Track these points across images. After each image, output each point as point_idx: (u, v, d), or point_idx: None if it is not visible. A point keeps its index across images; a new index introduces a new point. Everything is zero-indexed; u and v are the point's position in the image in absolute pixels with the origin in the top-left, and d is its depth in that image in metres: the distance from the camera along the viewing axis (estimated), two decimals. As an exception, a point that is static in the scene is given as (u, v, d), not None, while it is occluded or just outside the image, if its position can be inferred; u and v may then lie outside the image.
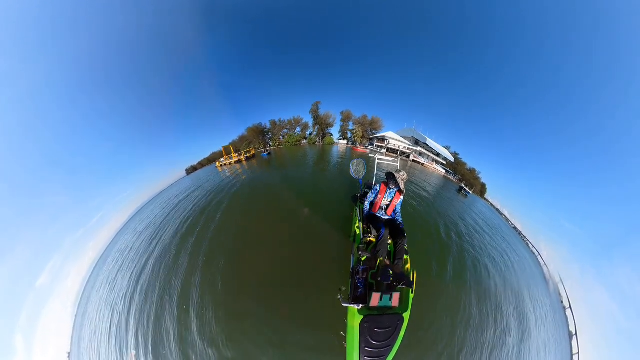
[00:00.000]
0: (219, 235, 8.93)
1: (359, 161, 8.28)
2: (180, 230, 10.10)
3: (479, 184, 26.44)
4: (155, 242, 10.18)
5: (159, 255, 8.92)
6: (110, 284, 9.33)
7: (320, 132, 32.32)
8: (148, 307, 6.75)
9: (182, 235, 9.57)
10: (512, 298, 8.32)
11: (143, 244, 10.88)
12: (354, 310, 3.23)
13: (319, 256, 6.86)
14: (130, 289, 7.97)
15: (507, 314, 7.38)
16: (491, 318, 6.80)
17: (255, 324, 5.31)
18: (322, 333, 4.89)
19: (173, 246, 8.98)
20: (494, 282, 8.48)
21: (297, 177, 15.67)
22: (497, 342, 6.25)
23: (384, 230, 3.99)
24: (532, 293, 10.03)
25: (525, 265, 12.51)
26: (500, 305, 7.51)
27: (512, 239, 15.87)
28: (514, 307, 7.95)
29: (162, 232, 10.85)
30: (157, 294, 6.98)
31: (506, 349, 6.34)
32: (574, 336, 10.28)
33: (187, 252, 8.24)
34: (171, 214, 12.83)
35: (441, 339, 5.47)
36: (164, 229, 11.15)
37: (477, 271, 8.56)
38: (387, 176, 4.56)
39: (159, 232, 11.12)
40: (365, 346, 2.75)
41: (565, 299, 11.91)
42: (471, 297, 7.15)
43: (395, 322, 2.90)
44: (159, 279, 7.57)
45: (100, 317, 7.87)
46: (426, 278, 6.74)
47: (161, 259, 8.55)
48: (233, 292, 6.25)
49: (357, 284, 3.54)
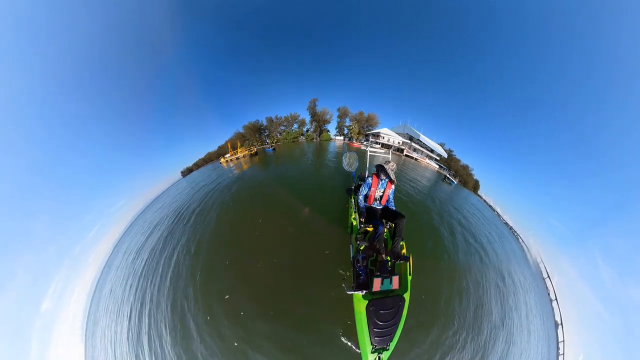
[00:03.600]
0: (220, 234, 9.04)
1: (351, 154, 8.34)
2: (182, 233, 9.89)
3: (471, 180, 26.96)
4: (157, 249, 9.91)
5: (163, 261, 8.69)
6: (116, 298, 8.99)
7: (317, 128, 32.41)
8: (158, 318, 6.55)
9: (185, 238, 9.43)
10: (501, 289, 8.74)
11: (145, 252, 10.51)
12: (358, 297, 3.45)
13: (319, 249, 7.05)
14: (137, 301, 7.69)
15: (496, 305, 7.80)
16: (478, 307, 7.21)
17: (265, 324, 5.38)
18: (330, 323, 5.10)
19: (175, 250, 8.87)
20: (482, 267, 8.99)
21: (298, 173, 15.82)
22: (489, 331, 6.65)
23: (382, 228, 4.18)
24: (523, 285, 10.53)
25: (510, 252, 13.22)
26: (488, 295, 7.92)
27: (497, 224, 17.37)
28: (502, 299, 8.37)
29: (163, 238, 10.52)
30: (166, 303, 6.76)
31: (501, 335, 6.76)
32: (559, 325, 10.83)
33: (191, 255, 8.12)
34: (171, 217, 12.58)
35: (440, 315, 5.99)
36: (165, 234, 10.87)
37: (467, 254, 9.19)
38: (377, 168, 4.71)
39: (160, 237, 10.82)
40: (373, 327, 2.95)
41: (552, 292, 12.49)
42: (461, 277, 7.71)
43: (397, 303, 3.13)
44: (165, 287, 7.39)
45: (111, 334, 7.55)
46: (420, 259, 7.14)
47: (166, 266, 8.35)
48: (242, 292, 6.30)
49: (359, 271, 3.75)
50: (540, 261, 14.92)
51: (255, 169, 19.02)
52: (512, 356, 6.56)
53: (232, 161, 23.76)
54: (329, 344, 4.87)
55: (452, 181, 24.04)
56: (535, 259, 15.09)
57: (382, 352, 2.95)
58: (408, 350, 4.94)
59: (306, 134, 32.34)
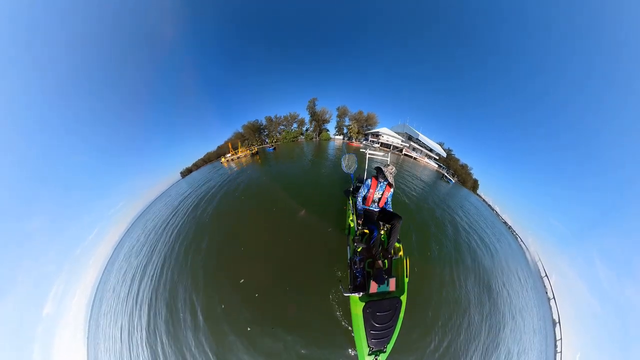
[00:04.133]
0: (222, 234, 9.10)
1: (350, 156, 8.32)
2: (183, 236, 9.90)
3: (470, 180, 27.01)
4: (158, 251, 9.90)
5: (163, 264, 8.62)
6: (118, 300, 8.94)
7: (317, 128, 32.37)
8: (158, 320, 6.62)
9: (187, 241, 9.35)
10: (499, 288, 8.80)
11: (145, 255, 10.48)
12: (355, 299, 3.44)
13: (317, 250, 7.10)
14: (139, 302, 7.76)
15: (494, 304, 7.86)
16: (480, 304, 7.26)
17: (264, 327, 5.43)
18: (327, 325, 5.12)
19: (177, 254, 8.77)
20: (479, 266, 9.02)
21: (298, 173, 15.89)
22: (489, 329, 6.71)
23: (377, 233, 4.18)
24: (521, 284, 10.62)
25: (508, 251, 13.32)
26: (485, 295, 7.98)
27: (495, 223, 17.61)
28: (499, 298, 8.44)
29: (164, 241, 10.49)
30: (166, 306, 6.84)
31: (500, 333, 6.82)
32: (557, 324, 10.92)
33: (192, 256, 8.16)
34: (172, 220, 12.42)
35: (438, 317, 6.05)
36: (165, 237, 10.76)
37: (462, 252, 9.24)
38: (377, 171, 4.73)
39: (160, 241, 10.68)
40: (370, 330, 2.95)
41: (549, 291, 12.58)
42: (459, 275, 7.75)
43: (394, 305, 3.12)
44: (167, 289, 7.37)
45: (114, 336, 7.56)
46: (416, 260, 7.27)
47: (166, 268, 8.27)
48: (241, 292, 6.36)
49: (356, 274, 3.71)
50: (538, 259, 15.01)
51: (256, 169, 18.98)
52: (510, 354, 6.64)
53: (232, 161, 23.72)
54: (326, 345, 4.90)
55: (450, 180, 24.21)
56: (533, 258, 15.17)
57: (379, 355, 2.94)
58: (405, 353, 4.98)
59: (305, 134, 32.30)
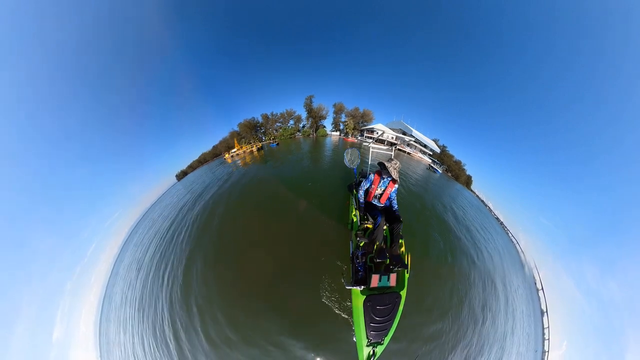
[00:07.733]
0: (222, 234, 9.18)
1: (353, 150, 8.24)
2: (184, 237, 9.87)
3: (464, 175, 27.50)
4: (159, 257, 9.89)
5: (166, 270, 8.60)
6: (125, 312, 8.83)
7: (314, 124, 32.39)
8: (165, 325, 6.68)
9: (190, 245, 9.31)
10: (493, 277, 9.23)
11: (147, 263, 10.34)
12: (356, 292, 3.61)
13: (319, 245, 7.25)
14: (147, 312, 7.71)
15: (489, 294, 8.27)
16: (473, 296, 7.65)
17: (267, 320, 5.60)
18: (328, 316, 5.34)
19: (180, 258, 8.77)
20: (474, 262, 9.39)
21: (300, 169, 15.81)
22: (479, 318, 7.11)
23: (380, 218, 4.21)
24: (512, 274, 11.18)
25: (499, 245, 13.73)
26: (478, 285, 8.37)
27: (488, 218, 18.46)
28: (495, 285, 8.90)
29: (164, 245, 10.44)
30: (170, 314, 6.86)
31: (490, 322, 7.27)
32: (544, 313, 11.47)
33: (195, 261, 8.14)
34: (172, 223, 12.37)
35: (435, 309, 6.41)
36: (166, 241, 10.72)
37: (458, 250, 9.55)
38: (380, 166, 4.59)
39: (160, 245, 10.75)
40: (370, 322, 3.13)
41: (538, 282, 13.14)
42: (454, 273, 8.03)
43: (394, 300, 3.31)
44: (170, 298, 7.36)
45: (127, 349, 7.63)
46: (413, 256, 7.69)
47: (171, 275, 8.23)
48: (243, 291, 6.51)
49: (358, 267, 3.87)
50: (529, 253, 15.62)
51: (261, 165, 18.82)
52: (503, 337, 7.19)
53: (237, 155, 23.71)
54: (327, 336, 5.13)
55: (437, 170, 24.52)
56: (524, 251, 15.74)
57: (376, 346, 3.13)
58: (402, 345, 5.26)
59: (302, 130, 32.31)
